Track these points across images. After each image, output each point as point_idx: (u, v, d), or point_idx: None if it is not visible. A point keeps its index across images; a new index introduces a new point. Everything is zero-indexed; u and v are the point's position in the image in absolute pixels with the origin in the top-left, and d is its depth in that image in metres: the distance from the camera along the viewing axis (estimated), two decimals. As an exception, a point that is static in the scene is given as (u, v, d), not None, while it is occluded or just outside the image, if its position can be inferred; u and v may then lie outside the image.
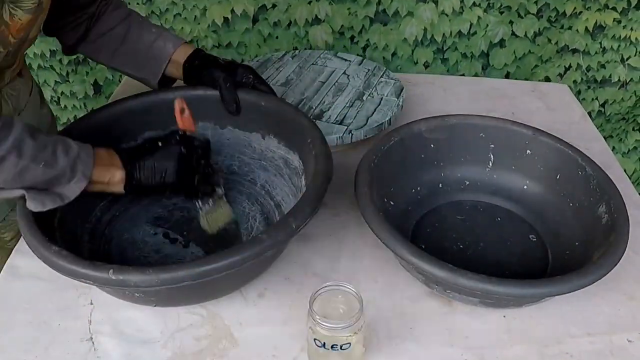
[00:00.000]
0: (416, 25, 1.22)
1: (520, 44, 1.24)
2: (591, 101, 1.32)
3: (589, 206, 0.71)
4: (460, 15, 1.20)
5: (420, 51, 1.26)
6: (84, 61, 1.34)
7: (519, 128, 0.79)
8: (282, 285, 0.69)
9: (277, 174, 0.79)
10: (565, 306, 0.67)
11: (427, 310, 0.67)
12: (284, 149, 0.77)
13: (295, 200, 0.71)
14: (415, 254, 0.60)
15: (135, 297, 0.60)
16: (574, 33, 1.22)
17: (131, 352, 0.62)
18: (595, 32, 1.21)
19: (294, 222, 0.59)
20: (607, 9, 1.18)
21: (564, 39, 1.23)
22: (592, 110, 1.34)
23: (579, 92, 1.31)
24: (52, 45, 1.30)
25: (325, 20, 1.23)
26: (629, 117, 1.35)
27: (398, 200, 0.76)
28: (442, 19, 1.21)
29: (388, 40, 1.25)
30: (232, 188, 0.81)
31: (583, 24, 1.21)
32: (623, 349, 0.62)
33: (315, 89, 0.99)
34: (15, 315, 0.65)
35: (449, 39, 1.24)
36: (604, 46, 1.23)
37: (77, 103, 1.40)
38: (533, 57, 1.26)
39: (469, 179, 0.82)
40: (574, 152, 0.75)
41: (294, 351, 0.62)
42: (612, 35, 1.21)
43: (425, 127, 0.79)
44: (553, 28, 1.22)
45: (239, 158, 0.82)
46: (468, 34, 1.23)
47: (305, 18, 1.23)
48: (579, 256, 0.67)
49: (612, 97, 1.31)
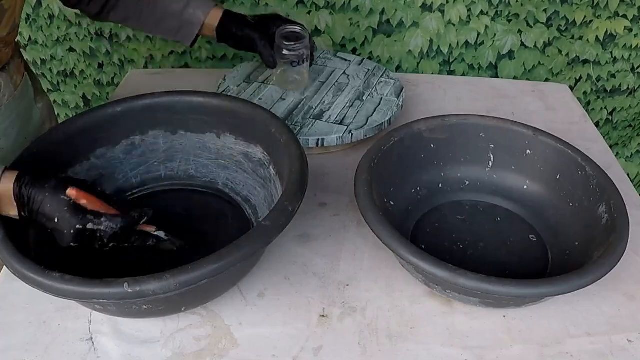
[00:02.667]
0: (422, 36, 1.18)
1: (530, 55, 1.20)
2: (600, 110, 1.30)
3: (589, 206, 0.71)
4: (467, 24, 1.16)
5: (426, 63, 1.22)
6: (71, 74, 1.32)
7: (519, 128, 0.79)
8: (282, 285, 0.69)
9: (238, 170, 0.79)
10: (565, 306, 0.67)
11: (427, 310, 0.67)
12: (242, 144, 0.77)
13: (264, 191, 0.75)
14: (415, 254, 0.60)
15: (143, 310, 0.58)
16: (585, 43, 1.19)
17: (131, 352, 0.62)
18: (606, 41, 1.18)
19: (290, 205, 0.60)
20: (617, 16, 1.15)
21: (574, 50, 1.20)
22: (600, 119, 1.31)
23: (588, 103, 1.29)
24: (42, 54, 1.29)
25: (326, 31, 1.18)
26: (635, 123, 1.33)
27: (398, 200, 0.76)
28: (449, 28, 1.17)
29: (392, 53, 1.21)
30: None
31: (594, 33, 1.17)
32: (623, 349, 0.62)
33: (315, 89, 0.99)
34: (15, 315, 0.65)
35: (456, 50, 1.20)
36: (615, 56, 1.20)
37: (69, 112, 1.40)
38: (543, 69, 1.22)
39: (469, 179, 0.82)
40: (574, 152, 0.75)
41: (294, 351, 0.62)
42: (623, 44, 1.19)
43: (425, 127, 0.79)
44: (563, 38, 1.18)
45: (195, 161, 0.81)
46: (475, 44, 1.19)
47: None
48: (579, 256, 0.67)
49: (620, 105, 1.29)
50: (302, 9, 1.17)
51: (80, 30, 1.24)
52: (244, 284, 0.69)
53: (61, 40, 1.26)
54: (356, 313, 0.66)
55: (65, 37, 1.26)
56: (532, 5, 1.14)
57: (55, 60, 1.30)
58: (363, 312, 0.66)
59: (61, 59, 1.30)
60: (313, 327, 0.64)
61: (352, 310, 0.66)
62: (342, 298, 0.68)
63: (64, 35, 1.25)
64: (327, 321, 0.65)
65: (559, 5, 1.14)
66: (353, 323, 0.65)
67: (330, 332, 0.64)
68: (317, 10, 1.17)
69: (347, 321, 0.65)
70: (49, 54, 1.29)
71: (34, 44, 1.27)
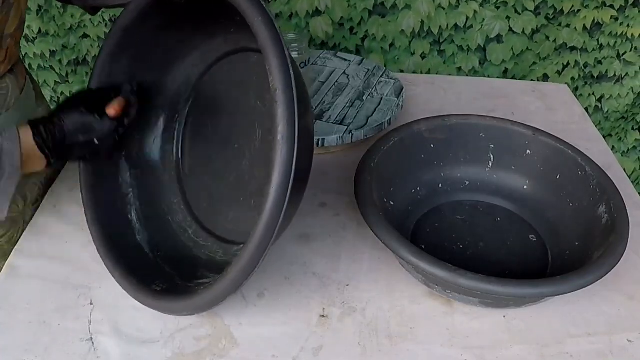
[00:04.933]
0: (413, 17, 1.25)
1: (518, 41, 1.25)
2: (588, 97, 1.34)
3: (589, 206, 0.71)
4: (456, 8, 1.23)
5: (417, 43, 1.29)
6: (83, 62, 1.34)
7: (519, 128, 0.79)
8: (282, 285, 0.69)
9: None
10: (565, 306, 0.67)
11: (427, 310, 0.67)
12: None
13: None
14: (415, 254, 0.60)
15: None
16: (572, 31, 1.23)
17: (131, 352, 0.61)
18: (592, 29, 1.23)
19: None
20: (604, 6, 1.20)
21: (562, 37, 1.25)
22: (589, 106, 1.35)
23: (576, 89, 1.33)
24: (52, 45, 1.31)
25: (326, 12, 1.26)
26: (628, 115, 1.36)
27: (398, 200, 0.76)
28: (439, 12, 1.24)
29: (386, 32, 1.28)
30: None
31: (581, 22, 1.22)
32: (623, 349, 0.62)
33: (315, 89, 0.99)
34: (15, 315, 0.65)
35: (446, 32, 1.26)
36: (601, 43, 1.25)
37: None
38: (531, 54, 1.27)
39: (469, 179, 0.82)
40: (574, 152, 0.75)
41: (294, 351, 0.62)
42: (609, 32, 1.23)
43: (425, 127, 0.79)
44: (551, 25, 1.23)
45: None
46: (464, 27, 1.25)
47: (306, 10, 1.26)
48: (579, 256, 0.67)
49: (609, 92, 1.32)
50: (304, -10, 1.23)
51: (94, 17, 1.27)
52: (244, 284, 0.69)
53: (74, 28, 1.30)
54: (356, 313, 0.66)
55: (80, 24, 1.29)
56: None
57: (67, 50, 1.33)
58: (363, 312, 0.66)
59: (73, 47, 1.32)
60: (313, 327, 0.64)
61: (352, 310, 0.66)
62: (342, 298, 0.68)
63: (77, 23, 1.29)
64: (327, 321, 0.65)
65: (547, -6, 1.18)
66: (353, 323, 0.65)
67: (330, 332, 0.64)
68: (317, -8, 1.25)
69: (347, 321, 0.65)
70: (60, 43, 1.32)
71: (44, 35, 1.30)
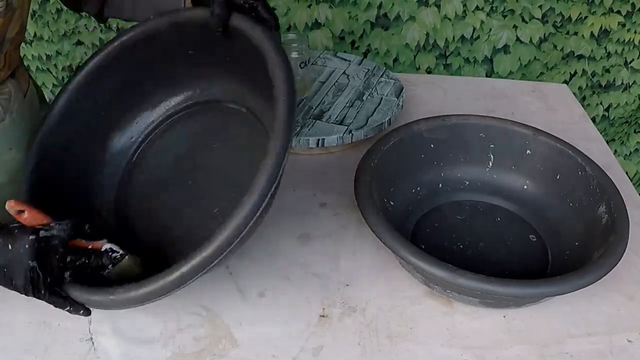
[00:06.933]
0: (418, 29, 1.21)
1: (525, 50, 1.22)
2: (596, 106, 1.31)
3: (589, 206, 0.71)
4: (463, 19, 1.19)
5: (422, 57, 1.25)
6: (77, 69, 1.32)
7: (519, 128, 0.79)
8: (282, 285, 0.69)
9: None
10: (565, 306, 0.67)
11: (427, 310, 0.67)
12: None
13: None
14: (415, 254, 0.60)
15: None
16: (580, 39, 1.21)
17: (131, 352, 0.62)
18: (600, 36, 1.20)
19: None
20: (612, 12, 1.17)
21: (569, 45, 1.22)
22: (596, 115, 1.32)
23: (584, 98, 1.30)
24: (47, 50, 1.29)
25: (325, 24, 1.21)
26: (631, 120, 1.34)
27: (398, 200, 0.76)
28: (445, 23, 1.19)
29: (390, 45, 1.23)
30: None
31: (588, 29, 1.19)
32: (623, 349, 0.62)
33: (315, 89, 0.99)
34: (15, 315, 0.65)
35: (452, 44, 1.22)
36: (609, 50, 1.22)
37: None
38: (539, 64, 1.24)
39: (469, 179, 0.82)
40: (574, 152, 0.75)
41: (293, 351, 0.62)
42: (617, 39, 1.20)
43: (425, 127, 0.79)
44: (559, 34, 1.20)
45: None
46: (471, 38, 1.21)
47: (305, 22, 1.21)
48: (579, 256, 0.67)
49: (616, 100, 1.30)
50: (303, 2, 1.19)
51: (89, 22, 1.24)
52: (244, 284, 0.69)
53: (68, 35, 1.26)
54: (356, 313, 0.66)
55: (74, 30, 1.25)
56: (528, 2, 1.16)
57: (61, 56, 1.30)
58: (363, 312, 0.66)
59: (67, 53, 1.30)
60: (313, 327, 0.64)
61: (352, 310, 0.66)
62: (342, 298, 0.68)
63: (72, 29, 1.25)
64: (327, 321, 0.65)
65: (554, 2, 1.16)
66: (353, 323, 0.65)
67: (330, 332, 0.64)
68: (317, 3, 1.19)
69: (347, 321, 0.65)
70: (54, 49, 1.29)
71: (39, 40, 1.28)
